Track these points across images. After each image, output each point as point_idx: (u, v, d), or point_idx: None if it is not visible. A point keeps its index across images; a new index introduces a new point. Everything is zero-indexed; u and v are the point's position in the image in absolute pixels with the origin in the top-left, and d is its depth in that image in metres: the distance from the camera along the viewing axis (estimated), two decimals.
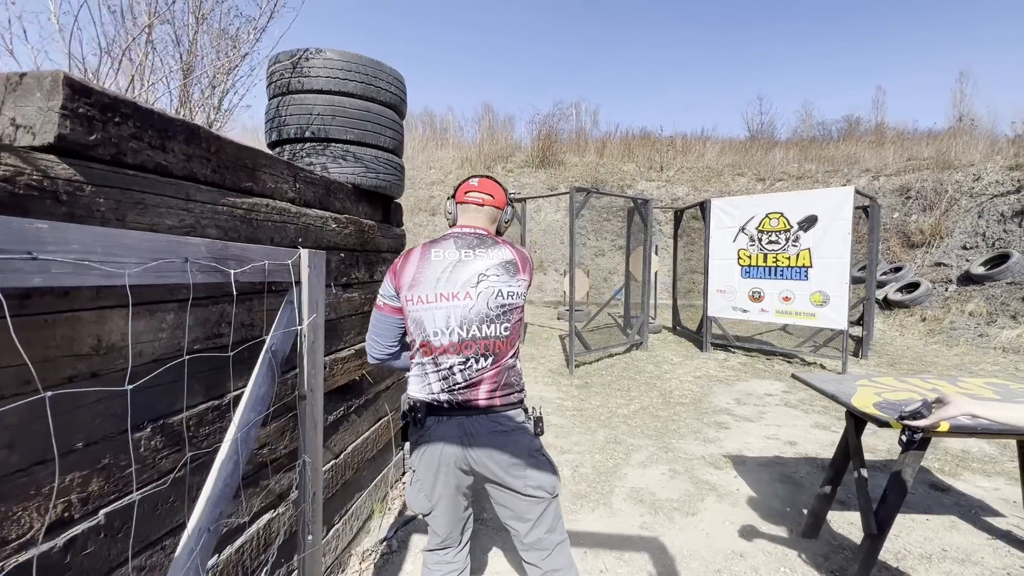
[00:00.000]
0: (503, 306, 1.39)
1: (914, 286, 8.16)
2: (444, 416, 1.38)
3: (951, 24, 35.64)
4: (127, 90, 1.56)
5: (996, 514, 2.55)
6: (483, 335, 1.37)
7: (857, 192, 5.37)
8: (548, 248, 12.51)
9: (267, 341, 1.27)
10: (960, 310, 7.28)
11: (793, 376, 2.44)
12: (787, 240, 5.49)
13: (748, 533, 2.37)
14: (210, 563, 1.33)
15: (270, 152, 1.52)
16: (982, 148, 11.22)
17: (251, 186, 1.45)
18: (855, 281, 7.88)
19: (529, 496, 1.39)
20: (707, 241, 6.37)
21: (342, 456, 2.08)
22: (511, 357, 1.42)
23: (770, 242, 5.65)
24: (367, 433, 2.33)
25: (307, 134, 2.06)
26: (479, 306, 1.37)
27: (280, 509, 1.62)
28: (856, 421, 2.12)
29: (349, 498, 2.18)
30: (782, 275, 5.56)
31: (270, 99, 2.16)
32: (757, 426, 3.82)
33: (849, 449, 2.17)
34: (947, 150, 11.73)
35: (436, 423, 1.39)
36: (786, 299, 5.55)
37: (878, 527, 1.92)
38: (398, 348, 1.51)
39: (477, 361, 1.38)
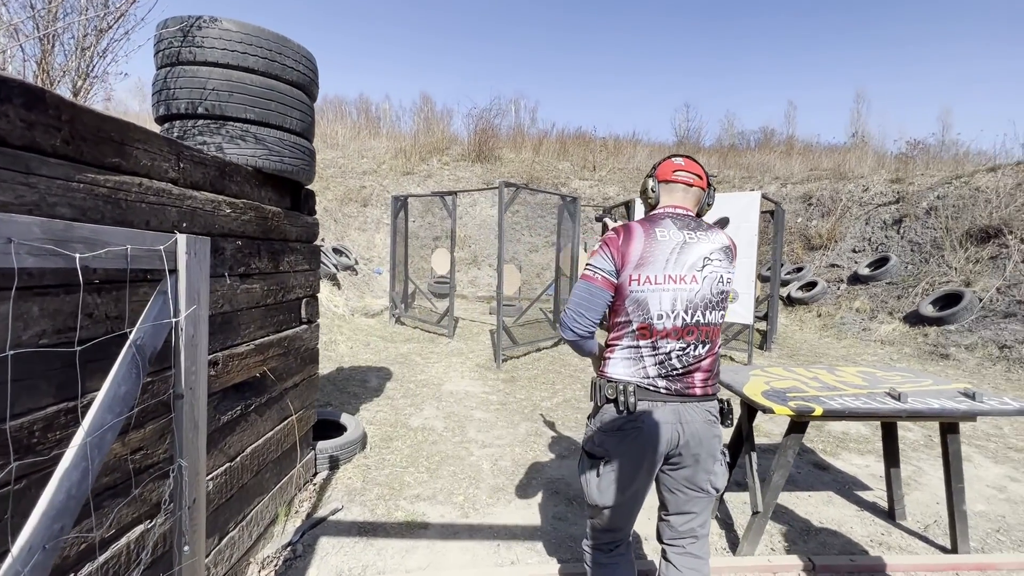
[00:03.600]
0: (722, 293, 1.35)
1: (812, 285, 8.98)
2: (659, 402, 1.32)
3: (850, 47, 39.61)
4: None
5: (866, 488, 2.86)
6: (705, 321, 1.33)
7: (764, 198, 5.80)
8: (482, 243, 12.48)
9: (131, 335, 1.14)
10: (849, 307, 8.11)
11: None
12: None
13: (655, 517, 2.48)
14: None
15: (142, 126, 1.36)
16: (870, 162, 12.56)
17: (119, 162, 1.30)
18: (763, 280, 8.54)
19: (699, 490, 1.39)
20: None
21: (239, 459, 1.94)
22: (719, 345, 1.40)
23: None
24: (270, 433, 2.20)
25: (200, 110, 1.89)
26: (704, 291, 1.32)
27: (159, 519, 1.48)
28: (748, 408, 2.28)
29: (248, 503, 2.04)
30: None
31: (158, 69, 1.96)
32: None
33: (742, 434, 2.34)
34: (843, 163, 13.02)
35: (651, 407, 1.32)
36: None
37: (763, 505, 2.08)
38: (597, 326, 1.40)
39: (695, 348, 1.33)
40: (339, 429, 3.13)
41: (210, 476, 1.74)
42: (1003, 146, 17.30)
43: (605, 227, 1.64)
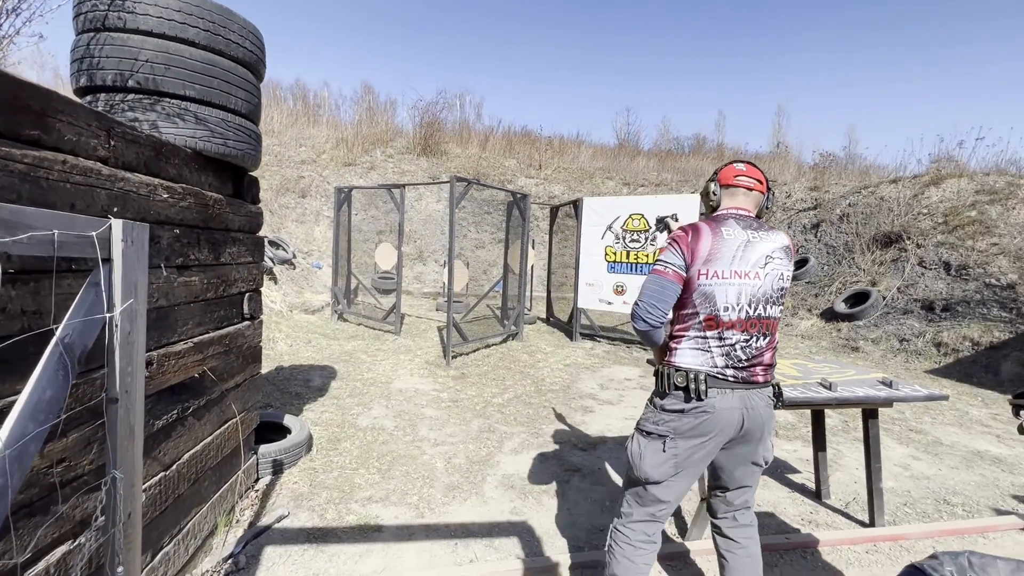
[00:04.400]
0: (781, 289, 1.47)
1: None
2: (728, 389, 1.42)
3: (774, 59, 42.69)
4: None
5: (795, 471, 3.10)
6: (767, 315, 1.44)
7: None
8: (428, 238, 12.28)
9: (57, 332, 1.01)
10: None
11: (648, 362, 2.69)
12: (646, 239, 6.07)
13: (606, 508, 2.56)
14: None
15: (67, 96, 1.20)
16: (792, 170, 13.59)
17: (39, 136, 1.14)
18: None
19: (757, 464, 1.54)
20: (579, 237, 6.77)
21: (175, 467, 1.78)
22: (776, 340, 1.50)
23: (632, 240, 6.19)
24: (209, 438, 2.03)
25: (130, 83, 1.71)
26: (766, 287, 1.43)
27: (81, 539, 1.32)
28: None
29: (184, 514, 1.88)
30: (642, 271, 6.14)
31: (78, 34, 1.75)
32: (617, 408, 4.16)
33: None
34: (768, 170, 13.99)
35: (720, 394, 1.42)
36: None
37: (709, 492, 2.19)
38: (667, 317, 1.49)
39: (757, 339, 1.43)
40: (282, 431, 2.96)
41: (144, 487, 1.59)
42: (902, 161, 19.38)
43: (668, 229, 1.85)
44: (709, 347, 1.43)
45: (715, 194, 1.60)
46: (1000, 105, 31.19)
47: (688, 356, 1.45)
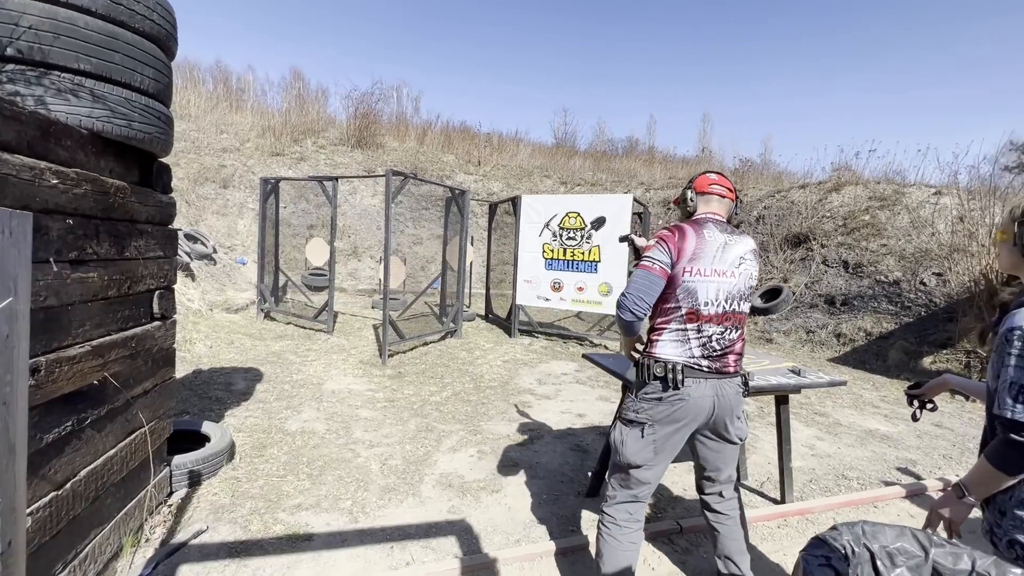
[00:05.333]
0: (751, 288, 1.61)
1: None
2: (702, 379, 1.55)
3: (700, 68, 45.25)
4: None
5: None
6: (739, 310, 1.59)
7: (635, 200, 6.37)
8: (363, 233, 11.88)
9: None
10: None
11: (584, 356, 2.76)
12: (582, 237, 6.24)
13: (544, 501, 2.60)
14: None
15: None
16: None
17: None
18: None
19: (733, 443, 1.68)
20: (517, 234, 6.83)
21: (69, 485, 1.60)
22: (744, 332, 1.65)
23: (569, 238, 6.33)
24: (113, 451, 1.84)
25: (9, 51, 1.50)
26: (739, 285, 1.58)
27: None
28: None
29: (82, 537, 1.69)
30: (577, 268, 6.30)
31: None
32: (554, 403, 4.24)
33: None
34: (695, 173, 14.82)
35: (695, 383, 1.54)
36: (580, 289, 6.31)
37: None
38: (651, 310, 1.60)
39: (730, 332, 1.58)
40: (201, 440, 2.74)
41: (29, 510, 1.41)
42: (810, 168, 21.26)
43: (634, 245, 1.95)
44: (688, 338, 1.56)
45: (692, 200, 1.73)
46: (889, 122, 35.16)
47: (668, 347, 1.58)
